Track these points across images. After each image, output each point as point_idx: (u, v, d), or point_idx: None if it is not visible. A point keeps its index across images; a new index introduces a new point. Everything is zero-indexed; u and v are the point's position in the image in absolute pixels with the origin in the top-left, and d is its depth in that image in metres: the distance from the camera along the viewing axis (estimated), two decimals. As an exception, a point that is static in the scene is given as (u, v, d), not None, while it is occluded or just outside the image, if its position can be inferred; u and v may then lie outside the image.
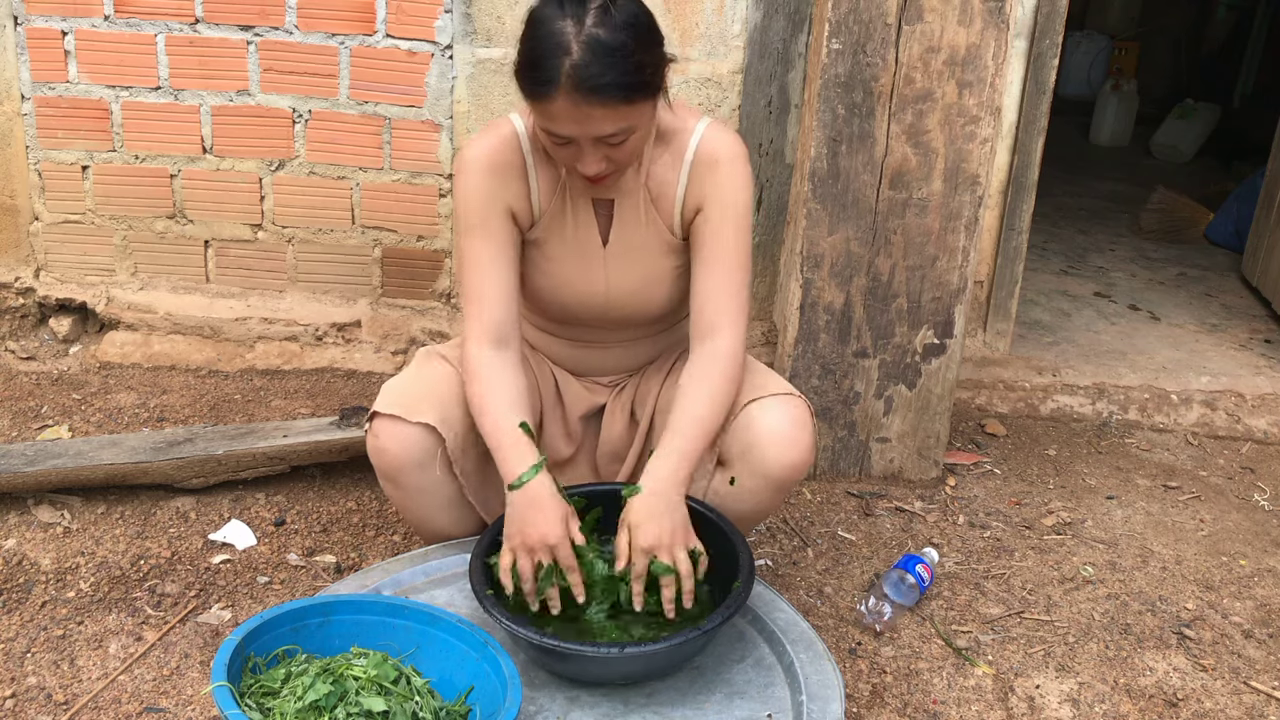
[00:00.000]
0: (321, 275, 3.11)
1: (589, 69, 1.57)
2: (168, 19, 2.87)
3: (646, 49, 1.64)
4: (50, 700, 1.82)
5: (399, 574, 1.87)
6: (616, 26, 1.59)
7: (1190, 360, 3.37)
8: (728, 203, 1.82)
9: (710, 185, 1.82)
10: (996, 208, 3.10)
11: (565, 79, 1.58)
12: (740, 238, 1.83)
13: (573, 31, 1.58)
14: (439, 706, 1.54)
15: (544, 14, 1.63)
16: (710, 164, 1.82)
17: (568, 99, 1.59)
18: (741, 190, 1.83)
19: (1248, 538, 2.57)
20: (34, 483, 2.28)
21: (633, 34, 1.61)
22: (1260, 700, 2.03)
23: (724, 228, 1.82)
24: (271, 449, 2.39)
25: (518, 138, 1.83)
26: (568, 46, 1.58)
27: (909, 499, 2.62)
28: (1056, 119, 3.33)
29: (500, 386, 1.79)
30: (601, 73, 1.58)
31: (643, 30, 1.64)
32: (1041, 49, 2.94)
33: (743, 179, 1.83)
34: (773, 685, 1.69)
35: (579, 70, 1.57)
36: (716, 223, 1.82)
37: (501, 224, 1.83)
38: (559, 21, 1.60)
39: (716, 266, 1.83)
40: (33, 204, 3.06)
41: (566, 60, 1.58)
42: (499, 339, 1.82)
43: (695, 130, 1.83)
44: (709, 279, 1.83)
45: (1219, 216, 4.66)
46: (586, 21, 1.59)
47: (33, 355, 3.03)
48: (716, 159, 1.82)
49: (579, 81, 1.58)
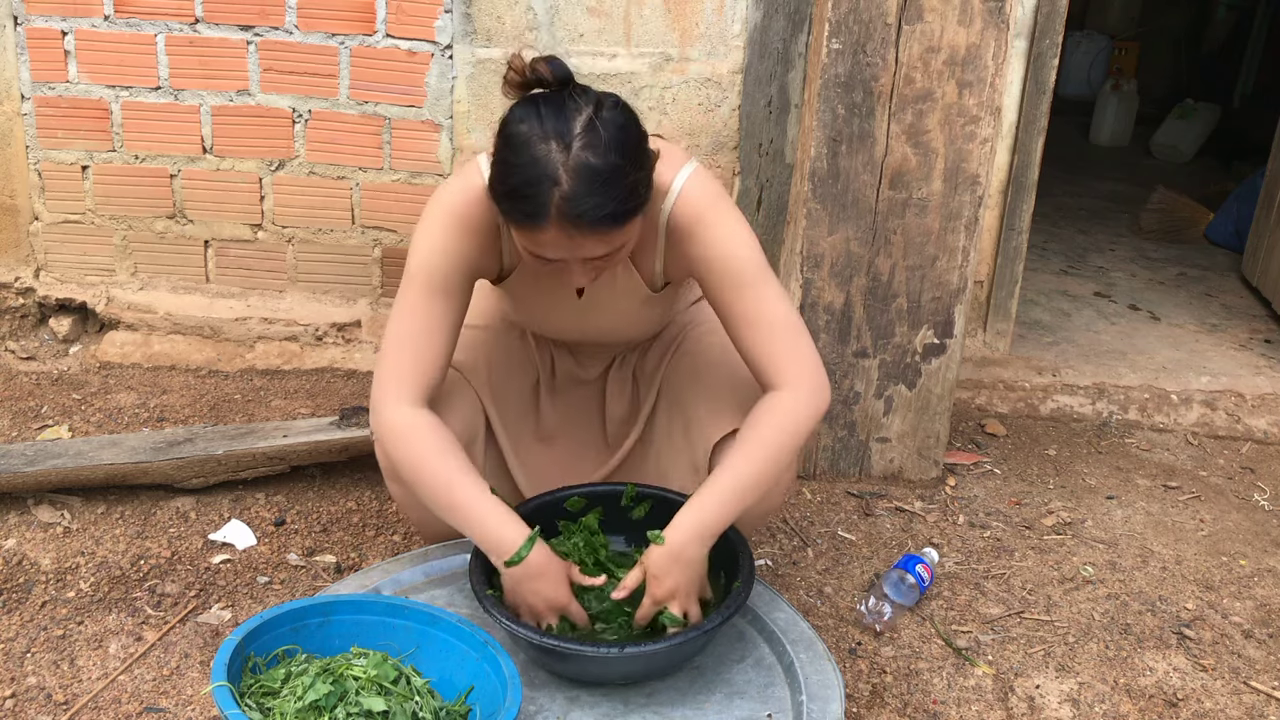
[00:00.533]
0: (321, 275, 3.11)
1: (581, 202, 1.47)
2: (168, 19, 2.87)
3: (637, 166, 1.53)
4: (50, 700, 1.82)
5: (399, 574, 1.87)
6: (605, 147, 1.48)
7: (1190, 360, 3.37)
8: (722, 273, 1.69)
9: (696, 255, 1.69)
10: (996, 208, 3.10)
11: (555, 211, 1.48)
12: (751, 301, 1.69)
13: (560, 159, 1.47)
14: (439, 706, 1.54)
15: (525, 136, 1.50)
16: (685, 233, 1.69)
17: (559, 230, 1.50)
18: (729, 241, 1.68)
19: (1248, 538, 2.57)
20: (34, 483, 2.28)
21: (622, 153, 1.50)
22: (1260, 700, 2.03)
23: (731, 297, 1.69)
24: (271, 449, 2.39)
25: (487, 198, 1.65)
26: (555, 176, 1.47)
27: (909, 499, 2.62)
28: (1056, 119, 3.33)
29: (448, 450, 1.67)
30: (595, 205, 1.48)
31: (631, 145, 1.53)
32: (1041, 49, 2.94)
33: (729, 229, 1.69)
34: (773, 685, 1.69)
35: (570, 203, 1.47)
36: (724, 293, 1.70)
37: (461, 287, 1.72)
38: (543, 145, 1.48)
39: (743, 329, 1.71)
40: (33, 204, 3.06)
41: (556, 191, 1.47)
42: (424, 399, 1.71)
43: (670, 192, 1.68)
44: (742, 343, 1.72)
45: (1219, 216, 4.66)
46: (573, 146, 1.48)
47: (33, 355, 3.03)
48: (689, 228, 1.68)
49: (571, 214, 1.48)
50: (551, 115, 1.50)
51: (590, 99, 1.53)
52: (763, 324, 1.69)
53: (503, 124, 1.55)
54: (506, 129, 1.54)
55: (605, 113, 1.51)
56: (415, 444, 1.67)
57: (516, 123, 1.53)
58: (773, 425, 1.69)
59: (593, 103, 1.52)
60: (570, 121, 1.49)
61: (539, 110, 1.52)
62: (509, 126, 1.53)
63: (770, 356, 1.70)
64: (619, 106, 1.55)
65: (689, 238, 1.69)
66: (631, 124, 1.55)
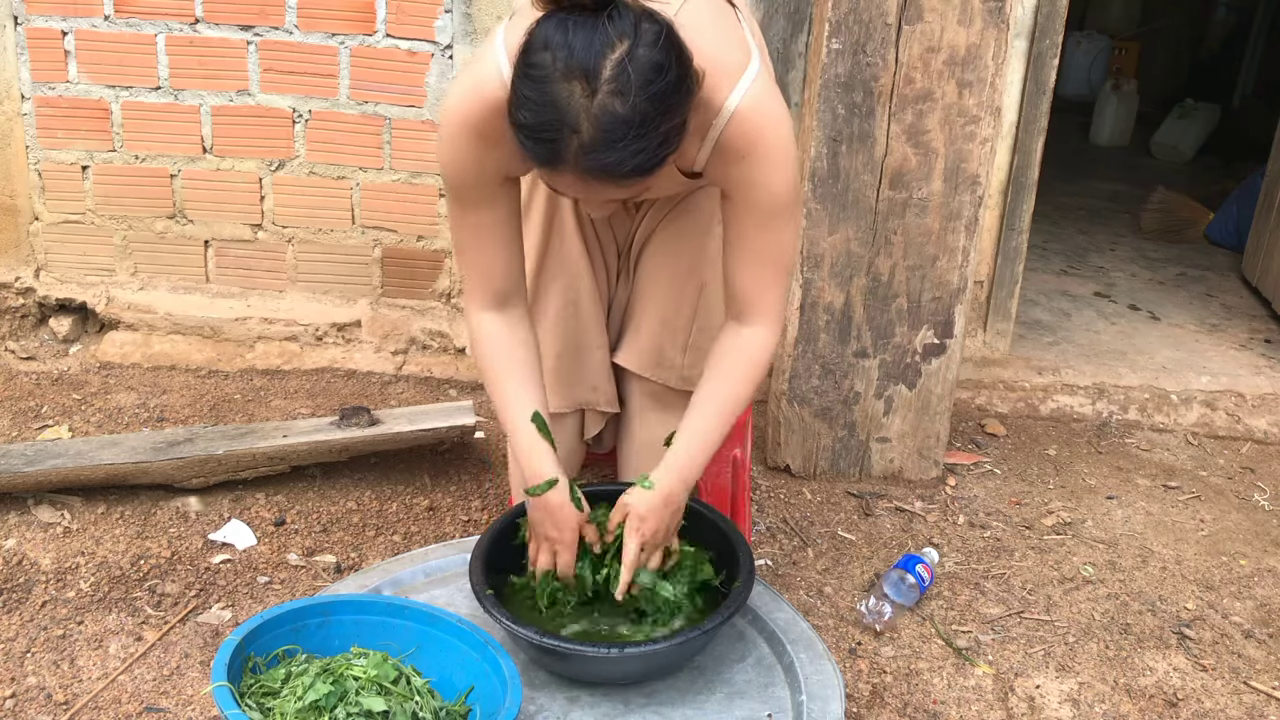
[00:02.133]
0: (321, 275, 3.11)
1: (602, 154, 1.33)
2: (168, 19, 2.87)
3: (671, 113, 1.36)
4: (50, 700, 1.82)
5: (399, 574, 1.88)
6: (635, 89, 1.31)
7: (1190, 360, 3.37)
8: (754, 202, 1.60)
9: (736, 177, 1.58)
10: (996, 208, 3.10)
11: (573, 159, 1.34)
12: (769, 234, 1.62)
13: (582, 104, 1.31)
14: (439, 706, 1.54)
15: (546, 69, 1.32)
16: (733, 156, 1.56)
17: (575, 177, 1.38)
18: (771, 181, 1.57)
19: (1248, 538, 2.57)
20: (34, 483, 2.28)
21: (655, 100, 1.33)
22: (1260, 700, 2.03)
23: (749, 224, 1.62)
24: (271, 449, 2.39)
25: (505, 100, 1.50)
26: (575, 123, 1.32)
27: (909, 499, 2.62)
28: (1056, 119, 3.32)
29: (510, 364, 1.72)
30: (617, 160, 1.34)
31: (667, 90, 1.34)
32: (1041, 49, 2.94)
33: (776, 169, 1.57)
34: (773, 685, 1.69)
35: (590, 155, 1.33)
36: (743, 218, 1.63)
37: (496, 192, 1.63)
38: (565, 85, 1.31)
39: (745, 257, 1.65)
40: (33, 204, 3.06)
41: (575, 140, 1.33)
42: (502, 300, 1.71)
43: (723, 111, 1.52)
44: (738, 269, 1.67)
45: (1219, 216, 4.66)
46: (600, 87, 1.30)
47: (33, 355, 3.03)
48: (742, 153, 1.55)
49: (589, 165, 1.34)
50: (581, 46, 1.31)
51: (628, 27, 1.32)
52: (766, 261, 1.65)
53: (527, 41, 1.36)
54: (529, 52, 1.34)
55: (641, 49, 1.32)
56: (482, 354, 1.74)
57: (539, 48, 1.33)
58: (752, 363, 1.70)
59: (630, 33, 1.32)
60: (600, 57, 1.30)
61: (568, 36, 1.32)
62: (532, 49, 1.34)
63: (757, 292, 1.67)
64: (659, 42, 1.33)
65: (736, 161, 1.57)
66: (670, 64, 1.34)
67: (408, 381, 3.01)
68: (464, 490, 2.51)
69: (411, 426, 2.45)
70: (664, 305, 1.91)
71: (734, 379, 1.70)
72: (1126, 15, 7.47)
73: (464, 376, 3.04)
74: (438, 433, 2.46)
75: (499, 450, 2.63)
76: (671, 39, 1.35)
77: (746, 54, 1.56)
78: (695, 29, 1.45)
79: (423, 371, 3.05)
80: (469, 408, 2.52)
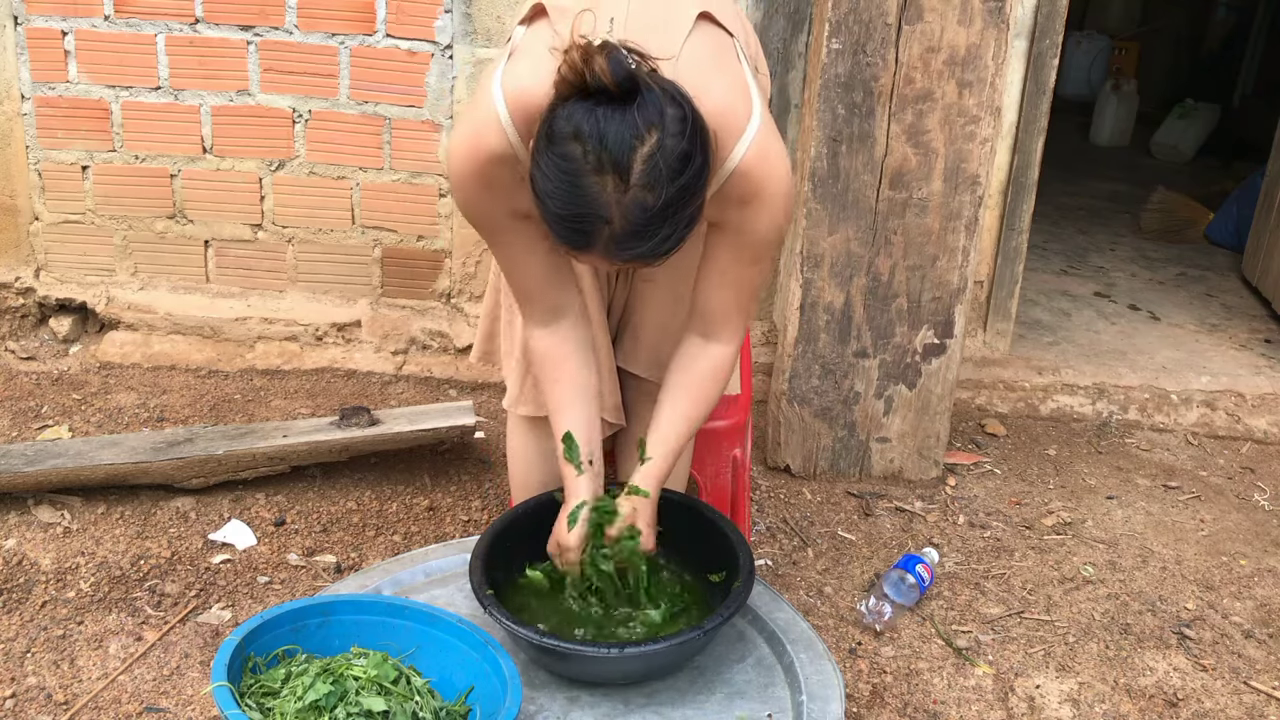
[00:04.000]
0: (321, 275, 3.11)
1: (630, 244, 1.37)
2: (168, 19, 2.87)
3: (696, 196, 1.39)
4: (50, 700, 1.82)
5: (399, 574, 1.87)
6: (665, 181, 1.32)
7: (1190, 360, 3.37)
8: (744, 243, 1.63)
9: (733, 219, 1.61)
10: (996, 208, 3.10)
11: (602, 246, 1.38)
12: (751, 268, 1.66)
13: (614, 198, 1.33)
14: (439, 706, 1.54)
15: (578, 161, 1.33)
16: (736, 203, 1.58)
17: (603, 258, 1.41)
18: (768, 226, 1.60)
19: (1248, 538, 2.57)
20: (34, 483, 2.28)
21: (682, 189, 1.35)
22: (1260, 700, 2.03)
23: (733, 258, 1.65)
24: (271, 449, 2.39)
25: (511, 153, 1.54)
26: (608, 215, 1.34)
27: (909, 499, 2.62)
28: (1056, 119, 3.32)
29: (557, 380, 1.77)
30: (649, 248, 1.38)
31: (694, 175, 1.36)
32: (1041, 49, 2.94)
33: (775, 215, 1.59)
34: (773, 685, 1.69)
35: (619, 244, 1.36)
36: (728, 252, 1.65)
37: (515, 225, 1.64)
38: (597, 179, 1.32)
39: (723, 283, 1.68)
40: (33, 204, 3.06)
41: (606, 230, 1.35)
42: (549, 316, 1.74)
43: (729, 160, 1.53)
44: (713, 294, 1.70)
45: (1219, 216, 4.66)
46: (631, 181, 1.32)
47: (33, 355, 3.03)
48: (744, 200, 1.57)
49: (617, 253, 1.38)
50: (613, 139, 1.32)
51: (655, 115, 1.33)
52: (743, 290, 1.70)
53: (551, 124, 1.36)
54: (557, 140, 1.35)
55: (669, 140, 1.33)
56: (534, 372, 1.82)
57: (568, 137, 1.33)
58: (716, 380, 1.76)
59: (658, 122, 1.33)
60: (631, 151, 1.32)
61: (598, 126, 1.32)
62: (559, 137, 1.34)
63: (728, 315, 1.72)
64: (685, 131, 1.35)
65: (736, 207, 1.59)
66: (696, 151, 1.37)
67: (408, 381, 3.01)
68: (464, 490, 2.51)
69: (411, 426, 2.45)
70: (662, 309, 1.92)
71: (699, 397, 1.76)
72: (1126, 15, 7.47)
73: (464, 376, 3.04)
74: (438, 433, 2.46)
75: (499, 450, 2.63)
76: (696, 124, 1.37)
77: (749, 102, 1.56)
78: (700, 78, 1.46)
79: (423, 371, 3.05)
80: (469, 408, 2.52)
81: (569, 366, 1.76)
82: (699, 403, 1.76)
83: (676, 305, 1.90)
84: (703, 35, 1.58)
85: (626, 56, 1.34)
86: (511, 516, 1.84)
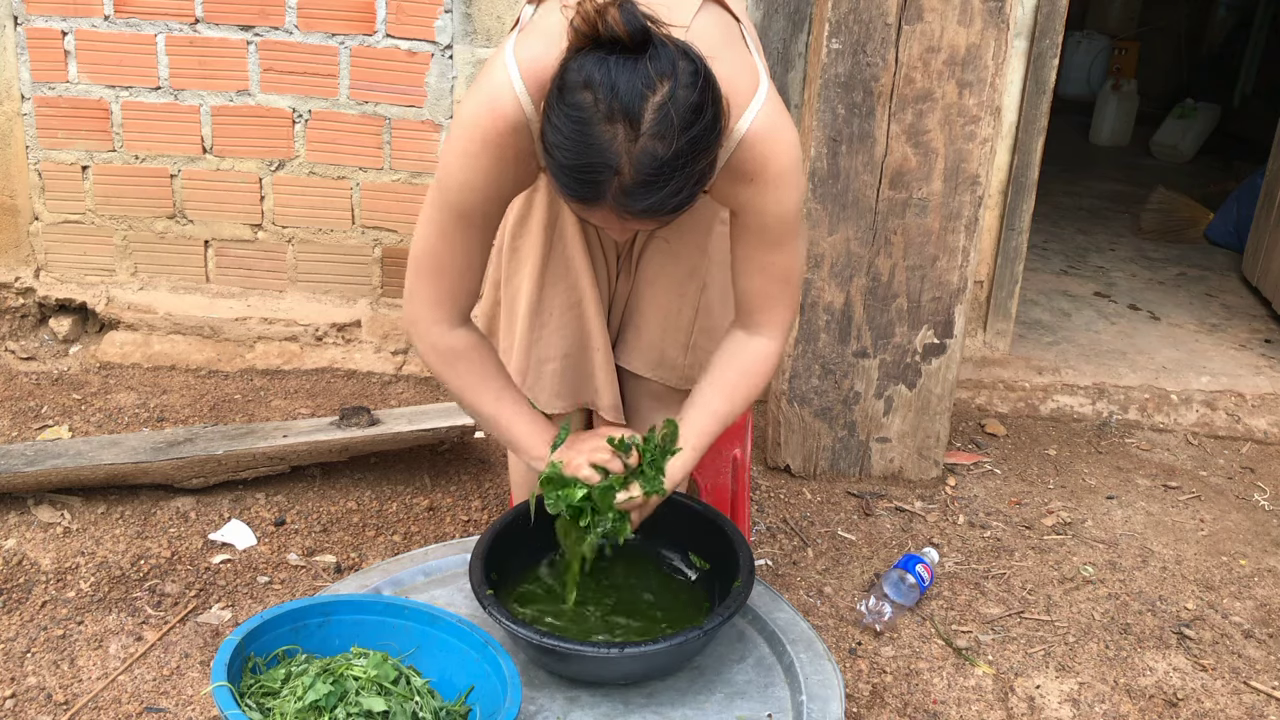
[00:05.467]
0: (321, 275, 3.11)
1: (640, 196, 1.35)
2: (168, 19, 2.87)
3: (707, 150, 1.37)
4: (50, 700, 1.82)
5: (399, 574, 1.87)
6: (676, 131, 1.31)
7: (1190, 360, 3.37)
8: (763, 225, 1.61)
9: (745, 199, 1.59)
10: (996, 208, 3.10)
11: (612, 198, 1.36)
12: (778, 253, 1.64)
13: (624, 147, 1.32)
14: (439, 706, 1.54)
15: (588, 110, 1.32)
16: (741, 178, 1.56)
17: (611, 210, 1.39)
18: (780, 204, 1.58)
19: (1248, 538, 2.57)
20: (34, 483, 2.28)
21: (693, 141, 1.34)
22: (1260, 700, 2.03)
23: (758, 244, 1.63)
24: (271, 449, 2.39)
25: (524, 121, 1.50)
26: (617, 165, 1.32)
27: (909, 499, 2.62)
28: (1056, 119, 3.33)
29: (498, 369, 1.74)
30: (655, 202, 1.36)
31: (705, 128, 1.35)
32: (1041, 49, 2.94)
33: (784, 192, 1.57)
34: (773, 685, 1.69)
35: (630, 194, 1.34)
36: (752, 239, 1.64)
37: (497, 215, 1.64)
38: (608, 127, 1.32)
39: (755, 272, 1.67)
40: (33, 204, 3.06)
41: (615, 181, 1.34)
42: (464, 316, 1.70)
43: (734, 133, 1.51)
44: (748, 284, 1.69)
45: (1219, 216, 4.66)
46: (642, 129, 1.31)
47: (33, 355, 3.03)
48: (751, 175, 1.55)
49: (629, 205, 1.36)
50: (624, 87, 1.31)
51: (668, 66, 1.32)
52: (775, 278, 1.67)
53: (563, 75, 1.35)
54: (568, 90, 1.34)
55: (681, 91, 1.32)
56: (460, 373, 1.70)
57: (579, 86, 1.33)
58: (749, 376, 1.72)
59: (670, 73, 1.32)
60: (643, 100, 1.31)
61: (610, 75, 1.31)
62: (570, 86, 1.33)
63: (766, 303, 1.69)
64: (697, 83, 1.34)
65: (745, 183, 1.57)
66: (707, 104, 1.35)
67: (407, 381, 3.01)
68: (464, 490, 2.51)
69: (411, 426, 2.45)
70: (665, 306, 1.91)
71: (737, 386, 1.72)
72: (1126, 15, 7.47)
73: (464, 376, 3.04)
74: (438, 433, 2.46)
75: (499, 450, 2.63)
76: (708, 79, 1.36)
77: (755, 76, 1.56)
78: (708, 51, 1.44)
79: (422, 371, 3.05)
80: (469, 408, 2.52)
81: (495, 357, 1.75)
82: (732, 399, 1.72)
83: (679, 303, 1.90)
84: (711, 15, 1.58)
85: (639, 11, 1.33)
86: (511, 516, 1.84)
